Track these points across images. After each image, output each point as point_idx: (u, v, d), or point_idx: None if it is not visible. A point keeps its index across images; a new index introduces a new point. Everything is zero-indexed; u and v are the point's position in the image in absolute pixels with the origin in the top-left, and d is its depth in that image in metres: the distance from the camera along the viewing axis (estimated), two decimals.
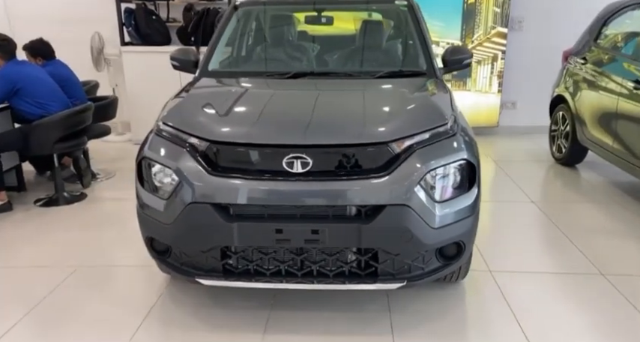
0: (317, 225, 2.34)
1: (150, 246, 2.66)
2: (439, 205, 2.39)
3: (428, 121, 2.50)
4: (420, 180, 2.33)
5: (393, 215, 2.31)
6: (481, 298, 2.91)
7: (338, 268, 2.47)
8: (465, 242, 2.52)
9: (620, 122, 4.18)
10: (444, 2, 6.20)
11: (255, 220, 2.38)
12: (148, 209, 2.57)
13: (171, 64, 3.54)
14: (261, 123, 2.50)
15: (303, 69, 3.36)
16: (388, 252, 2.39)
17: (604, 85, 4.44)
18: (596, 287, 3.00)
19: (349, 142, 2.35)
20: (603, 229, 3.79)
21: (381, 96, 2.87)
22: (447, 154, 2.42)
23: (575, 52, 5.21)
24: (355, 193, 2.31)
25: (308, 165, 2.34)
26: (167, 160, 2.48)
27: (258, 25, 3.76)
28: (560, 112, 5.33)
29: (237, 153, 2.40)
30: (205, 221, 2.38)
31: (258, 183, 2.35)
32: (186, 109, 2.74)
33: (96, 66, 6.36)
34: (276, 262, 2.48)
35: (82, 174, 4.77)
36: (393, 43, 3.64)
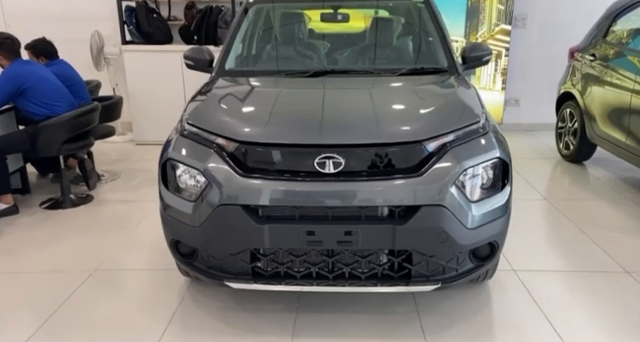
0: (350, 226, 2.29)
1: (175, 249, 2.59)
2: (474, 204, 2.35)
3: (460, 119, 2.46)
4: (455, 179, 2.29)
5: (429, 216, 2.27)
6: (508, 297, 2.88)
7: (370, 270, 2.42)
8: (499, 242, 2.49)
9: (634, 119, 4.18)
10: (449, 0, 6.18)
11: (286, 221, 2.33)
12: (173, 211, 2.50)
13: (185, 64, 3.47)
14: (291, 123, 2.45)
15: (323, 67, 3.31)
16: (422, 253, 2.34)
17: (616, 81, 4.44)
18: (622, 285, 2.98)
19: (382, 141, 2.30)
20: (620, 227, 3.78)
21: (409, 94, 2.83)
22: (481, 153, 2.38)
23: (582, 49, 5.20)
24: (390, 193, 2.26)
25: (340, 165, 2.28)
26: (194, 161, 2.42)
27: (273, 23, 3.70)
28: (568, 109, 5.32)
29: (267, 153, 2.34)
30: (235, 223, 2.33)
31: (290, 184, 2.30)
32: (211, 109, 2.68)
33: (96, 65, 6.25)
34: (306, 264, 2.43)
35: (87, 176, 4.67)
36: (412, 40, 3.60)
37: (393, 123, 2.42)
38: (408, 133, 2.34)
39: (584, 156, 5.23)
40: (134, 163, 5.57)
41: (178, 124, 2.68)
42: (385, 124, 2.40)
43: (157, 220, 3.93)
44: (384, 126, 2.38)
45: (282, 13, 3.75)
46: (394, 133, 2.34)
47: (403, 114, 2.51)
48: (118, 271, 3.25)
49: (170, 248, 2.61)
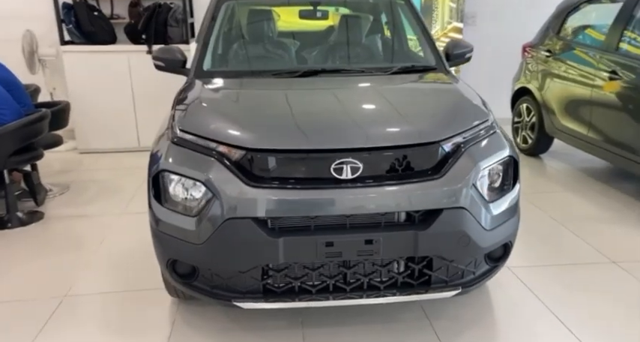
0: (370, 235, 2.16)
1: (172, 269, 2.34)
2: (491, 205, 2.29)
3: (472, 118, 2.40)
4: (473, 180, 2.22)
5: (451, 219, 2.18)
6: (511, 296, 2.86)
7: (390, 279, 2.30)
8: (512, 242, 2.45)
9: (595, 112, 4.33)
10: None
11: (303, 233, 2.16)
12: (169, 228, 2.26)
13: (155, 65, 3.21)
14: (301, 127, 2.27)
15: (312, 66, 3.14)
16: (444, 258, 2.25)
17: (575, 77, 4.59)
18: (613, 276, 3.05)
19: (400, 143, 2.19)
20: (593, 217, 3.89)
21: (412, 93, 2.73)
22: (495, 152, 2.33)
23: (535, 46, 5.35)
24: (412, 197, 2.15)
25: (358, 170, 2.15)
26: (193, 171, 2.19)
27: (250, 20, 3.48)
28: (525, 104, 5.47)
29: (279, 161, 2.16)
30: (246, 238, 2.13)
31: (306, 192, 2.13)
32: (206, 114, 2.44)
33: (30, 68, 5.71)
34: (322, 277, 2.27)
35: (35, 190, 4.24)
36: (398, 38, 3.51)
37: (409, 124, 2.31)
38: (426, 134, 2.24)
39: (541, 149, 5.40)
40: (82, 174, 5.13)
41: (167, 132, 2.42)
42: (400, 125, 2.29)
43: (122, 236, 3.66)
44: (399, 127, 2.27)
45: (259, 10, 3.54)
46: (413, 134, 2.23)
47: (418, 114, 2.41)
48: (92, 296, 2.92)
49: (166, 269, 2.35)
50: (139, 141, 5.76)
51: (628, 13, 4.17)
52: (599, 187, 4.54)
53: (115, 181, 4.86)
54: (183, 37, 5.59)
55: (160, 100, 5.59)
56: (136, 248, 3.44)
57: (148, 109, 5.66)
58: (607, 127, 4.23)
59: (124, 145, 5.77)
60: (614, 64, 4.15)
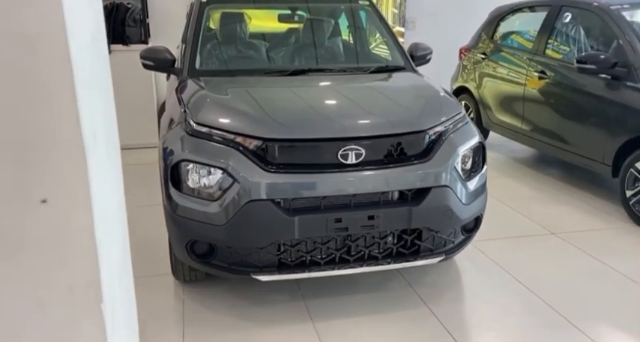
0: (373, 211, 2.52)
1: (191, 250, 2.57)
2: (467, 183, 2.72)
3: (450, 110, 2.82)
4: (454, 163, 2.63)
5: (438, 196, 2.58)
6: (476, 264, 3.32)
7: (385, 249, 2.66)
8: (482, 215, 2.89)
9: (527, 107, 4.96)
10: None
11: (315, 212, 2.48)
12: (189, 213, 2.49)
13: (143, 64, 3.36)
14: (311, 118, 2.59)
15: (299, 66, 3.44)
16: (431, 230, 2.65)
17: (509, 76, 5.20)
18: (555, 244, 3.61)
19: (397, 131, 2.57)
20: (530, 197, 4.49)
21: (397, 88, 3.12)
22: (469, 139, 2.76)
23: (471, 48, 5.96)
24: (406, 178, 2.53)
25: (361, 156, 2.50)
26: (214, 160, 2.44)
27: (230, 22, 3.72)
28: (463, 101, 6.05)
29: (293, 149, 2.46)
30: (266, 218, 2.41)
31: (317, 176, 2.45)
32: (219, 108, 2.69)
33: None
34: (330, 250, 2.59)
35: None
36: (368, 40, 3.89)
37: (403, 115, 2.69)
38: (417, 123, 2.63)
39: None
40: None
41: (179, 125, 2.64)
42: (396, 116, 2.66)
43: None
44: (395, 118, 2.65)
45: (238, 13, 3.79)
46: (406, 124, 2.61)
47: (407, 107, 2.80)
48: None
49: (184, 250, 2.57)
50: None
51: (551, 23, 4.83)
52: (530, 172, 5.18)
53: None
54: (141, 36, 5.66)
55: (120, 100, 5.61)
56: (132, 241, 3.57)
57: None
58: (538, 120, 4.86)
59: None
60: (542, 65, 4.78)
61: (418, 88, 3.14)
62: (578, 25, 4.63)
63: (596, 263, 3.34)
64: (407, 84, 3.23)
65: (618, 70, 3.98)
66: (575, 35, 4.65)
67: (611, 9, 4.30)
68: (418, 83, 3.21)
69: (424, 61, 3.72)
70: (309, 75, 3.24)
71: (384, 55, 3.73)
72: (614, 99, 4.02)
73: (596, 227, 3.87)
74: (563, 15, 4.77)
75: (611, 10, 4.30)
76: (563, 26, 4.76)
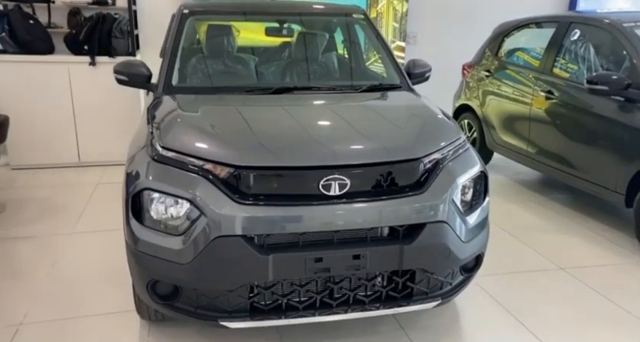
0: (358, 249, 2.21)
1: (152, 291, 2.26)
2: (467, 217, 2.41)
3: (447, 135, 2.52)
4: (452, 195, 2.33)
5: (434, 233, 2.28)
6: (475, 303, 3.00)
7: (374, 293, 2.35)
8: (484, 253, 2.58)
9: (533, 129, 4.66)
10: None
11: (292, 250, 2.17)
12: (150, 248, 2.19)
13: (116, 79, 3.09)
14: (287, 144, 2.29)
15: (284, 84, 3.16)
16: (426, 271, 2.34)
17: (514, 96, 4.91)
18: (563, 281, 3.28)
19: (386, 159, 2.27)
20: (536, 227, 4.17)
21: (390, 110, 2.82)
22: (469, 167, 2.46)
23: (474, 66, 5.68)
24: (397, 212, 2.23)
25: (345, 186, 2.20)
26: (179, 189, 2.15)
27: (216, 36, 3.44)
28: (466, 120, 5.77)
29: (268, 178, 2.16)
30: (236, 256, 2.11)
31: (295, 209, 2.16)
32: (189, 131, 2.39)
33: None
34: (309, 293, 2.28)
35: None
36: (362, 57, 3.61)
37: (394, 141, 2.39)
38: (409, 151, 2.33)
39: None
40: (18, 192, 4.81)
41: (145, 149, 2.36)
42: (384, 142, 2.36)
43: (76, 257, 3.47)
44: (386, 144, 2.34)
45: (225, 25, 3.52)
46: (397, 151, 2.31)
47: (400, 132, 2.51)
48: (52, 323, 2.75)
49: (145, 290, 2.27)
50: (79, 156, 5.49)
51: (559, 40, 4.54)
52: (536, 198, 4.86)
53: (57, 199, 4.59)
54: (128, 48, 5.41)
55: (103, 113, 5.41)
56: (94, 269, 3.29)
57: (90, 122, 5.43)
58: (545, 142, 4.55)
59: (63, 160, 5.47)
60: (550, 84, 4.49)
61: (413, 109, 2.85)
62: (588, 42, 4.35)
63: (608, 305, 3.02)
64: (401, 105, 2.93)
65: (632, 92, 3.69)
66: (584, 53, 4.37)
67: (624, 26, 4.02)
68: (414, 104, 2.92)
69: (422, 79, 3.45)
70: (295, 93, 2.95)
71: (380, 72, 3.45)
72: (627, 123, 3.72)
73: (609, 262, 3.55)
74: (571, 32, 4.49)
75: (623, 27, 4.02)
76: (571, 44, 4.48)
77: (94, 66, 5.30)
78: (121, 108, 5.38)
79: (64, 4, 5.52)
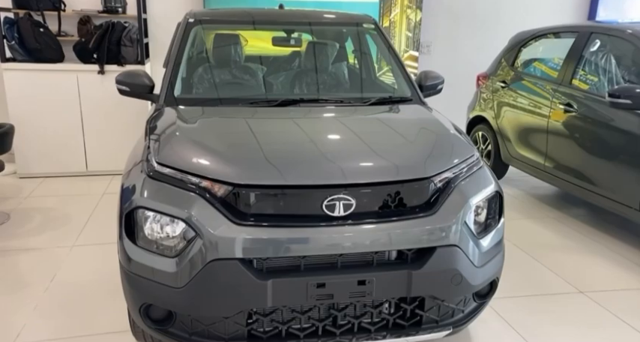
0: (363, 275, 2.07)
1: (145, 315, 2.14)
2: (480, 241, 2.26)
3: (460, 153, 2.38)
4: (464, 217, 2.18)
5: (444, 257, 2.13)
6: (490, 328, 2.84)
7: (380, 320, 2.20)
8: (499, 278, 2.42)
9: (551, 143, 4.48)
10: None
11: (293, 274, 2.04)
12: (143, 270, 2.08)
13: (118, 89, 3.01)
14: (290, 161, 2.16)
15: (289, 95, 3.04)
16: (436, 298, 2.19)
17: (531, 108, 4.74)
18: (583, 306, 3.10)
19: (395, 178, 2.13)
20: (555, 245, 3.98)
21: (399, 125, 2.68)
22: (483, 187, 2.31)
23: (490, 76, 5.52)
24: (406, 235, 2.08)
25: (351, 207, 2.06)
26: (174, 208, 2.03)
27: (221, 45, 3.34)
28: (480, 132, 5.60)
29: (269, 197, 2.04)
30: (232, 281, 1.98)
31: (297, 231, 2.02)
32: (186, 146, 2.27)
33: None
34: (311, 320, 2.14)
35: None
36: (372, 68, 3.48)
37: (403, 158, 2.25)
38: (419, 169, 2.18)
39: (497, 176, 5.47)
40: (24, 202, 4.75)
41: (142, 164, 2.25)
42: (395, 160, 2.22)
43: (76, 272, 3.37)
44: (394, 162, 2.20)
45: (231, 35, 3.41)
46: (406, 169, 2.17)
47: (409, 149, 2.36)
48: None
49: (138, 314, 2.15)
50: (86, 165, 5.43)
51: (579, 50, 4.37)
52: (553, 213, 4.67)
53: (62, 209, 4.52)
54: (137, 57, 5.35)
55: (112, 122, 5.34)
56: (93, 285, 3.19)
57: (98, 130, 5.37)
58: (563, 157, 4.37)
59: (70, 169, 5.42)
60: (569, 97, 4.32)
61: (424, 124, 2.70)
62: (609, 53, 4.18)
63: (632, 333, 2.83)
64: (411, 119, 2.79)
65: None
66: (605, 65, 4.19)
67: None
68: (424, 118, 2.77)
69: (434, 91, 3.30)
70: (301, 106, 2.83)
71: (391, 83, 3.31)
72: None
73: (633, 286, 3.36)
74: (592, 42, 4.32)
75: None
76: (592, 55, 4.30)
77: (103, 74, 5.25)
78: (130, 117, 5.31)
79: (75, 12, 5.48)
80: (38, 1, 5.25)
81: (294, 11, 3.63)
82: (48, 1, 5.32)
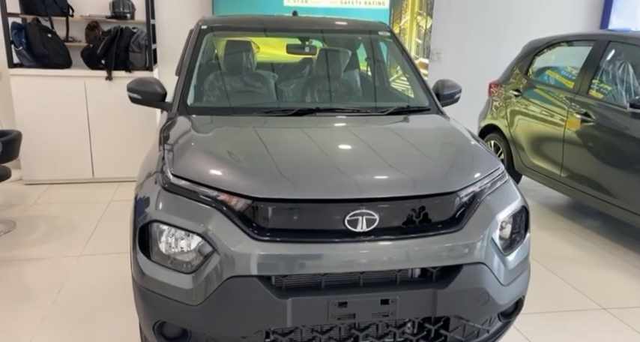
0: (387, 293, 1.98)
1: (159, 333, 2.06)
2: (506, 258, 2.17)
3: (486, 166, 2.29)
4: (491, 233, 2.10)
5: (471, 276, 2.04)
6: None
7: (404, 341, 2.12)
8: (524, 296, 2.33)
9: (567, 153, 4.39)
10: None
11: (313, 292, 1.95)
12: (158, 286, 2.00)
13: (130, 97, 2.93)
14: (311, 174, 2.08)
15: (305, 105, 2.97)
16: (461, 318, 2.10)
17: (546, 117, 4.66)
18: (605, 323, 3.00)
19: (419, 193, 2.04)
20: (572, 259, 3.89)
21: (421, 137, 2.60)
22: (510, 202, 2.23)
23: (502, 84, 5.44)
24: (431, 252, 2.00)
25: (374, 222, 1.98)
26: (190, 223, 1.95)
27: (234, 53, 3.27)
28: (492, 140, 5.52)
29: (289, 211, 1.95)
30: (251, 299, 1.90)
31: (317, 247, 1.94)
32: (203, 158, 2.19)
33: None
34: (332, 340, 2.06)
35: None
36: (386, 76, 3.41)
37: (426, 172, 2.17)
38: (445, 183, 2.10)
39: None
40: (30, 209, 4.67)
41: (157, 176, 2.17)
42: (417, 174, 2.14)
43: (83, 283, 3.29)
44: (419, 175, 2.12)
45: (243, 42, 3.35)
46: (430, 183, 2.09)
47: (432, 162, 2.28)
48: None
49: (152, 331, 2.07)
50: (93, 172, 5.36)
51: (597, 59, 4.29)
52: (569, 225, 4.58)
53: (68, 216, 4.45)
54: (145, 63, 5.29)
55: (119, 128, 5.28)
56: (102, 296, 3.11)
57: (105, 137, 5.31)
58: (581, 167, 4.28)
59: (77, 176, 5.35)
60: (585, 106, 4.23)
61: (446, 135, 2.61)
62: (628, 63, 4.10)
63: None
64: (432, 130, 2.71)
65: None
66: (623, 75, 4.11)
67: None
68: (446, 129, 2.69)
69: (452, 100, 3.22)
70: (317, 115, 2.75)
71: (404, 90, 3.23)
72: None
73: None
74: (610, 51, 4.24)
75: None
76: (609, 64, 4.22)
77: (111, 80, 5.19)
78: (137, 123, 5.25)
79: (83, 17, 5.43)
80: (46, 7, 5.20)
81: (307, 18, 3.56)
82: (56, 7, 5.27)
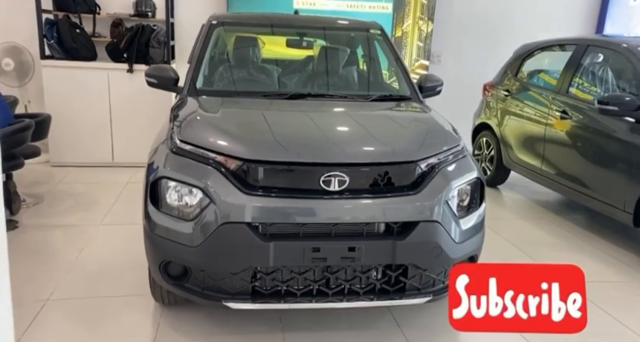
0: (353, 242, 2.38)
1: (164, 271, 2.48)
2: (460, 220, 2.55)
3: (446, 142, 2.68)
4: (446, 197, 2.48)
5: (426, 231, 2.43)
6: None
7: (368, 285, 2.51)
8: (478, 255, 2.71)
9: (548, 148, 4.74)
10: None
11: (292, 239, 2.36)
12: (164, 232, 2.42)
13: (147, 82, 3.38)
14: (294, 141, 2.50)
15: (300, 90, 3.39)
16: (418, 267, 2.49)
17: (531, 115, 5.01)
18: None
19: (384, 160, 2.45)
20: (546, 243, 4.23)
21: (392, 118, 3.01)
22: (465, 173, 2.61)
23: (495, 85, 5.80)
24: (391, 210, 2.40)
25: (344, 183, 2.38)
26: (192, 178, 2.37)
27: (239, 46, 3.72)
28: (484, 138, 5.88)
29: (274, 171, 2.37)
30: (240, 241, 2.31)
31: (296, 201, 2.35)
32: (205, 126, 2.64)
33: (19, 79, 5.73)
34: (307, 281, 2.46)
35: (10, 199, 4.25)
36: (375, 70, 3.82)
37: (391, 144, 2.58)
38: (406, 154, 2.50)
39: (500, 180, 5.78)
40: (56, 187, 5.15)
41: (166, 142, 2.60)
42: (384, 145, 2.55)
43: (102, 246, 3.74)
44: (383, 146, 2.53)
45: (249, 37, 3.79)
46: (394, 154, 2.49)
47: (398, 136, 2.68)
48: (75, 301, 3.00)
49: (158, 270, 2.49)
50: (113, 157, 5.84)
51: (576, 61, 4.65)
52: (550, 216, 4.92)
53: (90, 194, 4.91)
54: (164, 58, 5.76)
55: (138, 117, 5.74)
56: (117, 258, 3.54)
57: (125, 125, 5.77)
58: (559, 162, 4.63)
59: (98, 160, 5.82)
60: (565, 105, 4.58)
61: (416, 118, 3.02)
62: (605, 65, 4.45)
63: (609, 320, 3.07)
64: (406, 113, 3.11)
65: None
66: (601, 75, 4.46)
67: (639, 50, 4.11)
68: (417, 114, 3.09)
69: (433, 92, 3.61)
70: (307, 99, 3.17)
71: (397, 87, 3.64)
72: (637, 143, 3.79)
73: (612, 279, 3.60)
74: (588, 54, 4.60)
75: (638, 51, 4.11)
76: (588, 66, 4.58)
77: (132, 73, 5.66)
78: (154, 113, 5.68)
79: (108, 15, 5.92)
80: (76, 5, 5.71)
81: (308, 16, 3.99)
82: (85, 5, 5.78)
